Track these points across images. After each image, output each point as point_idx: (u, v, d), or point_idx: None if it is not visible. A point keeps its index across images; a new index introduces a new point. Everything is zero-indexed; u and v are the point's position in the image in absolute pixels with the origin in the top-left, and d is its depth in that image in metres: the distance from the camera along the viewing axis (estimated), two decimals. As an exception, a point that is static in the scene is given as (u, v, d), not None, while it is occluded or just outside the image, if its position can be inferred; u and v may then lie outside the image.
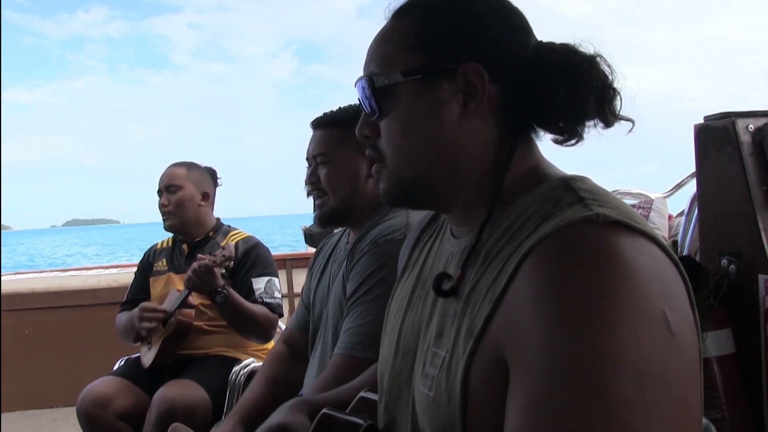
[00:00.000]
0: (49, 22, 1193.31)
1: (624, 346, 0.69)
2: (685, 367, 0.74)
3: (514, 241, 0.86)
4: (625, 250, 0.76)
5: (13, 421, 4.69)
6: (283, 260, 5.59)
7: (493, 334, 0.82)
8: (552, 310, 0.74)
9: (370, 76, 0.98)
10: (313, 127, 1.98)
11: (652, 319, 0.72)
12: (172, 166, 3.13)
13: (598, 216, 0.79)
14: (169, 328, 2.83)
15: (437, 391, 0.89)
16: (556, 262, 0.77)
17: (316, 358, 1.92)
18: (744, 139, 1.96)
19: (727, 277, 1.94)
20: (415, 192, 1.00)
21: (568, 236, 0.78)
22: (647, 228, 0.81)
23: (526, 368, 0.74)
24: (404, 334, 1.06)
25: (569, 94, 0.91)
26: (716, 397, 1.84)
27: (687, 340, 0.76)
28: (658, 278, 0.76)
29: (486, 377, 0.82)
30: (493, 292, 0.84)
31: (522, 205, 0.91)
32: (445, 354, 0.90)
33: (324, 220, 1.95)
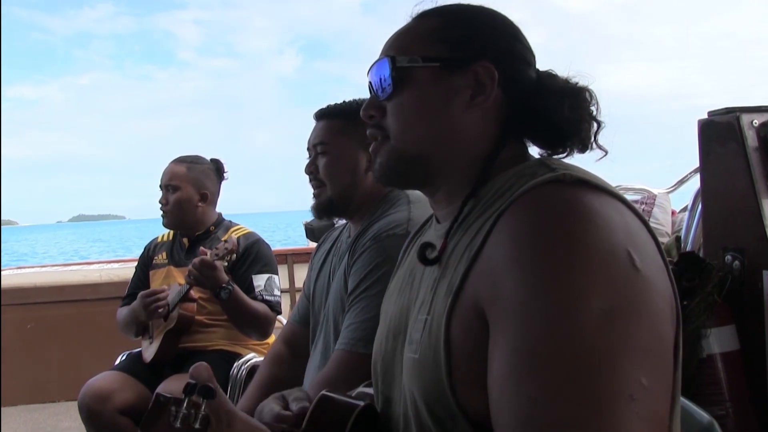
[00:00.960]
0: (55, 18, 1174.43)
1: (591, 283, 0.76)
2: (654, 300, 0.79)
3: (491, 209, 0.94)
4: (589, 201, 0.83)
5: (15, 415, 4.70)
6: (285, 255, 5.59)
7: (471, 287, 0.88)
8: (522, 256, 0.80)
9: (393, 57, 1.06)
10: (316, 118, 1.98)
11: (617, 256, 0.78)
12: (174, 162, 3.12)
13: (564, 176, 0.87)
14: (171, 322, 2.83)
15: (422, 353, 0.94)
16: (525, 215, 0.84)
17: (318, 352, 1.92)
18: (748, 135, 1.95)
19: (731, 273, 1.94)
20: (412, 168, 1.07)
21: (536, 193, 0.86)
22: (614, 189, 0.88)
23: (503, 313, 0.80)
24: (392, 317, 1.11)
25: (573, 111, 1.02)
26: (720, 393, 1.83)
27: (655, 278, 0.81)
28: (621, 224, 0.83)
29: (466, 329, 0.87)
30: (470, 251, 0.91)
31: (500, 180, 0.99)
32: (427, 316, 0.96)
33: (320, 209, 1.95)
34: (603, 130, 1.05)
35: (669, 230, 2.76)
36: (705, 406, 1.33)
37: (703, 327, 1.86)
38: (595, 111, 1.04)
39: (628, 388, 0.72)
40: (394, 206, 1.86)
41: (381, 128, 1.09)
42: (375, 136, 1.11)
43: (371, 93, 1.11)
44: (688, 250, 2.27)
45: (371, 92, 1.11)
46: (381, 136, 1.09)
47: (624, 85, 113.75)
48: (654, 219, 2.77)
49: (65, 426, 4.42)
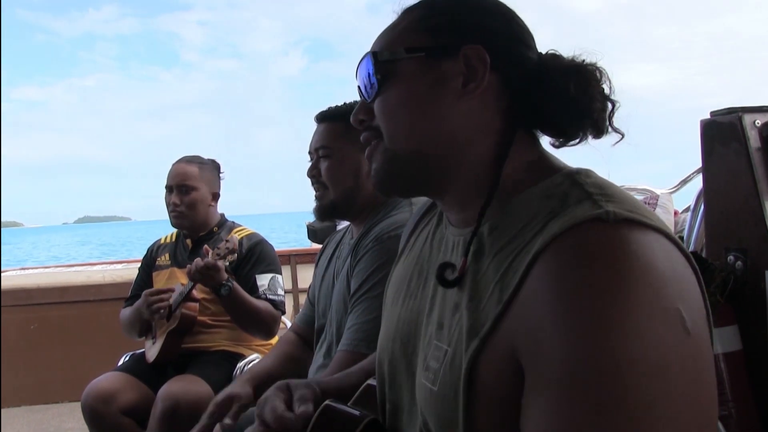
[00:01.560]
0: (60, 20, 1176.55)
1: (642, 350, 0.70)
2: (703, 366, 0.75)
3: (522, 237, 0.86)
4: (638, 248, 0.75)
5: (18, 416, 4.70)
6: (288, 256, 5.60)
7: (505, 333, 0.82)
8: (568, 314, 0.73)
9: (374, 52, 1.00)
10: (317, 121, 1.98)
11: (669, 319, 0.72)
12: (183, 162, 3.11)
13: (607, 214, 0.78)
14: (173, 322, 2.83)
15: (441, 386, 0.89)
16: (569, 264, 0.76)
17: (322, 354, 1.93)
18: (751, 135, 1.95)
19: (733, 273, 1.93)
20: (409, 169, 0.99)
21: (579, 236, 0.78)
22: (657, 222, 0.80)
23: (545, 374, 0.74)
24: (402, 322, 1.06)
25: (578, 90, 0.93)
26: (723, 394, 1.83)
27: (702, 337, 0.76)
28: (672, 275, 0.76)
29: (495, 374, 0.82)
30: (502, 291, 0.84)
31: (527, 200, 0.91)
32: (447, 348, 0.90)
33: (322, 212, 1.95)
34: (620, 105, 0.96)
35: (671, 230, 2.76)
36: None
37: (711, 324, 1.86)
38: (607, 89, 0.96)
39: None
40: (396, 208, 1.87)
41: (373, 130, 1.03)
42: (368, 139, 1.04)
43: (360, 97, 1.05)
44: (691, 250, 2.27)
45: (360, 96, 1.05)
46: (374, 137, 1.03)
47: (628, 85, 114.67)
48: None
49: (68, 427, 4.43)
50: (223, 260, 2.65)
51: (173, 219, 3.08)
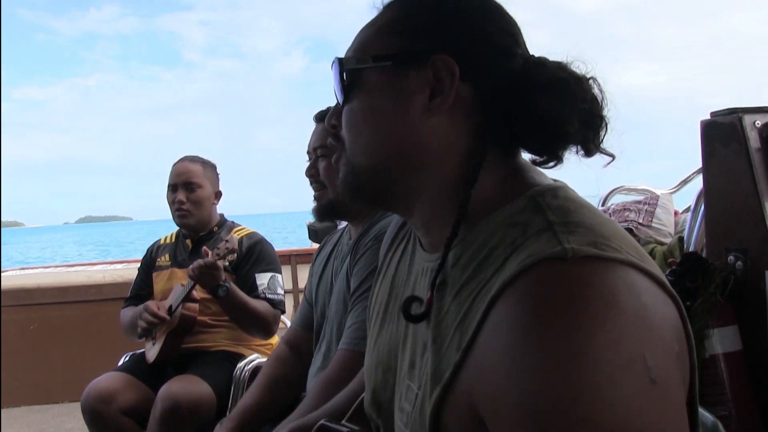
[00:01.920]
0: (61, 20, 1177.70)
1: (600, 407, 0.65)
2: (668, 415, 0.69)
3: (482, 274, 0.81)
4: (598, 290, 0.70)
5: (18, 416, 4.71)
6: (288, 256, 5.60)
7: (465, 382, 0.77)
8: (523, 367, 0.68)
9: (341, 59, 0.94)
10: (316, 121, 1.99)
11: (631, 369, 0.67)
12: (187, 161, 3.12)
13: (566, 252, 0.72)
14: (173, 322, 2.83)
15: (413, 430, 0.86)
16: (524, 311, 0.71)
17: (321, 354, 1.93)
18: (751, 135, 1.95)
19: (733, 273, 1.93)
20: (370, 185, 0.94)
21: (536, 279, 0.72)
22: (624, 254, 0.74)
23: (504, 426, 0.70)
24: (381, 348, 1.03)
25: (549, 110, 0.85)
26: (722, 394, 1.83)
27: (670, 384, 0.70)
28: (637, 317, 0.70)
29: (458, 423, 0.78)
30: (461, 335, 0.79)
31: (489, 228, 0.85)
32: (418, 391, 0.86)
33: (321, 212, 1.96)
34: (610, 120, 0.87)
35: (672, 231, 2.76)
36: (708, 407, 1.33)
37: (705, 327, 1.86)
38: (599, 104, 0.87)
39: None
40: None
41: (338, 138, 0.97)
42: (333, 147, 0.99)
43: (336, 98, 0.98)
44: (691, 250, 2.27)
45: (335, 97, 0.98)
46: (340, 147, 0.97)
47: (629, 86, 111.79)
48: (657, 219, 2.77)
49: (68, 427, 4.43)
50: (222, 260, 2.65)
51: (178, 217, 3.07)
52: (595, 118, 0.86)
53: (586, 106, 0.85)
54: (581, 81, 0.86)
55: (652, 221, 2.77)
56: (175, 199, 3.05)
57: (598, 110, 0.86)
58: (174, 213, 3.08)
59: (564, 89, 0.85)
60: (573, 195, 0.86)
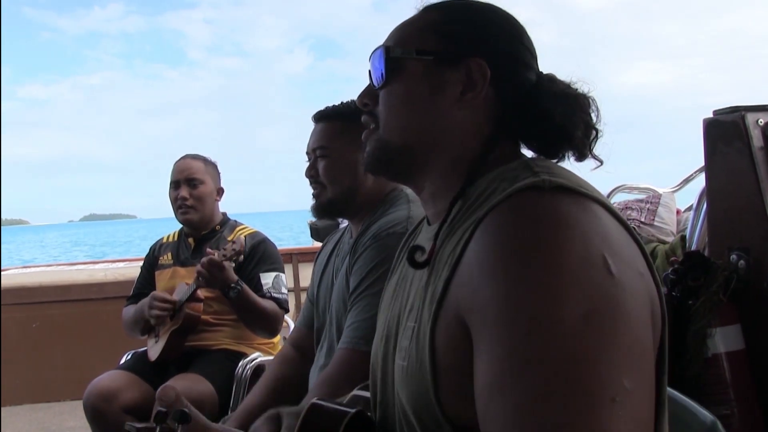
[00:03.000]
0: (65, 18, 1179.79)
1: (565, 287, 0.76)
2: (630, 304, 0.79)
3: (474, 214, 0.92)
4: (566, 208, 0.83)
5: (20, 414, 4.71)
6: (290, 254, 5.60)
7: (453, 296, 0.88)
8: (497, 266, 0.81)
9: (388, 46, 1.07)
10: (315, 121, 1.98)
11: (591, 261, 0.78)
12: (188, 158, 3.12)
13: (543, 182, 0.86)
14: (177, 321, 2.83)
15: (409, 361, 0.94)
16: (502, 223, 0.84)
17: (323, 353, 1.92)
18: (754, 134, 1.95)
19: (736, 272, 1.93)
20: (397, 159, 1.08)
21: (514, 201, 0.86)
22: (595, 193, 0.88)
23: (484, 323, 0.80)
24: (389, 322, 1.10)
25: (564, 118, 1.00)
26: (725, 393, 1.83)
27: (632, 283, 0.81)
28: (598, 230, 0.82)
29: (450, 338, 0.87)
30: (452, 258, 0.91)
31: (484, 183, 0.98)
32: (414, 324, 0.96)
33: (319, 210, 1.95)
34: (603, 134, 1.04)
35: (674, 229, 2.76)
36: (710, 406, 1.33)
37: (708, 326, 1.86)
38: (595, 119, 1.03)
39: (609, 391, 0.72)
40: (394, 205, 1.87)
41: (373, 116, 1.10)
42: (368, 123, 1.12)
43: (369, 80, 1.11)
44: (693, 249, 2.26)
45: (369, 79, 1.11)
46: (373, 123, 1.10)
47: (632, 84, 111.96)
48: (659, 218, 2.77)
49: (70, 425, 4.43)
50: (229, 261, 2.65)
51: (181, 214, 3.07)
52: (591, 129, 1.03)
53: (587, 118, 1.03)
54: (585, 97, 1.03)
55: (654, 220, 2.77)
56: (177, 196, 3.05)
57: (594, 123, 1.03)
58: (176, 210, 3.08)
59: (574, 101, 1.02)
60: (556, 163, 1.01)
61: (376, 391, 1.12)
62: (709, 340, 1.85)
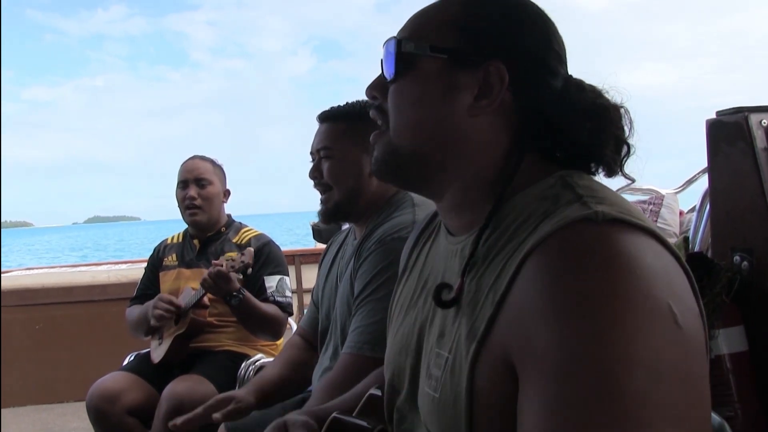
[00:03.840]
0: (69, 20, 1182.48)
1: (633, 343, 0.69)
2: (695, 360, 0.74)
3: (514, 240, 0.86)
4: (627, 246, 0.76)
5: (24, 415, 4.71)
6: (292, 256, 5.60)
7: (498, 335, 0.82)
8: (559, 311, 0.73)
9: (400, 39, 0.98)
10: (319, 121, 1.97)
11: (659, 313, 0.72)
12: (197, 159, 3.12)
13: (597, 215, 0.79)
14: (182, 326, 2.83)
15: (443, 393, 0.89)
16: (559, 262, 0.77)
17: (327, 357, 1.92)
18: (757, 135, 1.94)
19: (739, 273, 1.93)
20: (407, 167, 1.00)
21: (569, 236, 0.78)
22: (647, 223, 0.81)
23: (538, 371, 0.73)
24: (406, 332, 1.06)
25: (592, 136, 0.93)
26: (729, 394, 1.82)
27: (694, 332, 0.76)
28: (661, 272, 0.76)
29: (492, 379, 0.82)
30: (495, 293, 0.84)
31: (520, 203, 0.91)
32: (448, 355, 0.90)
33: (327, 215, 1.94)
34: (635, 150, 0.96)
35: (677, 231, 2.76)
36: (714, 408, 1.32)
37: (711, 328, 1.85)
38: (627, 132, 0.96)
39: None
40: (399, 209, 1.86)
41: (381, 112, 1.02)
42: (375, 119, 1.04)
43: (381, 70, 1.03)
44: (696, 250, 2.26)
45: (381, 69, 1.03)
46: (382, 122, 1.02)
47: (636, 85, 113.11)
48: (662, 219, 2.77)
49: (73, 426, 4.43)
50: (236, 273, 2.65)
51: (189, 214, 3.06)
52: (623, 144, 0.96)
53: (618, 132, 0.95)
54: (617, 109, 0.95)
55: (656, 221, 2.76)
56: (186, 196, 3.04)
57: (626, 138, 0.96)
58: (184, 210, 3.07)
59: (605, 116, 0.94)
60: (594, 179, 0.95)
61: (394, 405, 1.08)
62: (713, 341, 1.85)
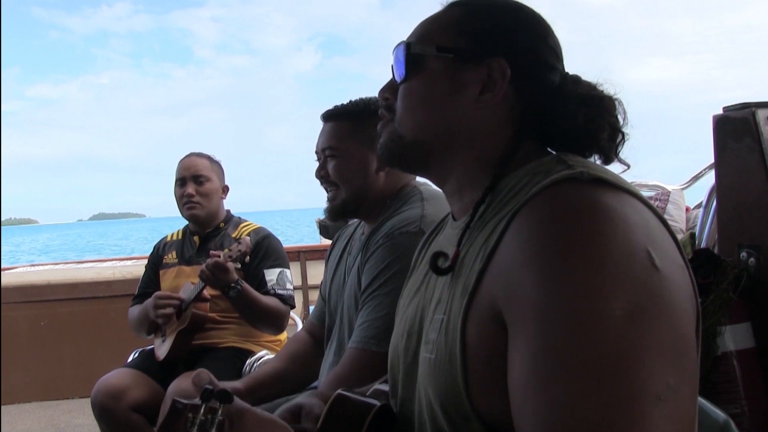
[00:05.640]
0: (73, 17, 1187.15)
1: (610, 281, 0.74)
2: (676, 299, 0.77)
3: (506, 208, 0.92)
4: (607, 200, 0.81)
5: (29, 411, 4.73)
6: (297, 252, 5.60)
7: (486, 287, 0.87)
8: (540, 257, 0.78)
9: (409, 43, 1.06)
10: (323, 120, 1.97)
11: (636, 254, 0.76)
12: (194, 156, 3.13)
13: (582, 174, 0.85)
14: (184, 321, 2.82)
15: (438, 353, 0.93)
16: (542, 214, 0.82)
17: (332, 351, 1.92)
18: (764, 130, 1.93)
19: (746, 269, 1.92)
20: (410, 152, 1.08)
21: (553, 192, 0.84)
22: (632, 187, 0.86)
23: (522, 316, 0.78)
24: (411, 318, 1.10)
25: (588, 122, 1.00)
26: (735, 391, 1.82)
27: (675, 277, 0.80)
28: (641, 224, 0.81)
29: (482, 331, 0.86)
30: (485, 250, 0.90)
31: (515, 177, 0.97)
32: (443, 316, 0.95)
33: (334, 213, 1.94)
34: (630, 137, 1.03)
35: (683, 227, 2.74)
36: (720, 405, 1.32)
37: (718, 324, 1.84)
38: (621, 121, 1.02)
39: (655, 389, 0.70)
40: (408, 203, 1.85)
41: (391, 110, 1.10)
42: (384, 115, 1.12)
43: (392, 75, 1.11)
44: (703, 246, 2.25)
45: (392, 74, 1.11)
46: (389, 116, 1.10)
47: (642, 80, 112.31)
48: (668, 215, 2.75)
49: (78, 423, 4.44)
50: (234, 263, 2.64)
51: (187, 211, 3.06)
52: (618, 132, 1.02)
53: (612, 120, 1.02)
54: (611, 99, 1.03)
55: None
56: (184, 193, 3.05)
57: (620, 126, 1.03)
58: (182, 207, 3.07)
59: (599, 104, 1.01)
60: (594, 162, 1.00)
61: (397, 387, 1.11)
62: (719, 338, 1.84)
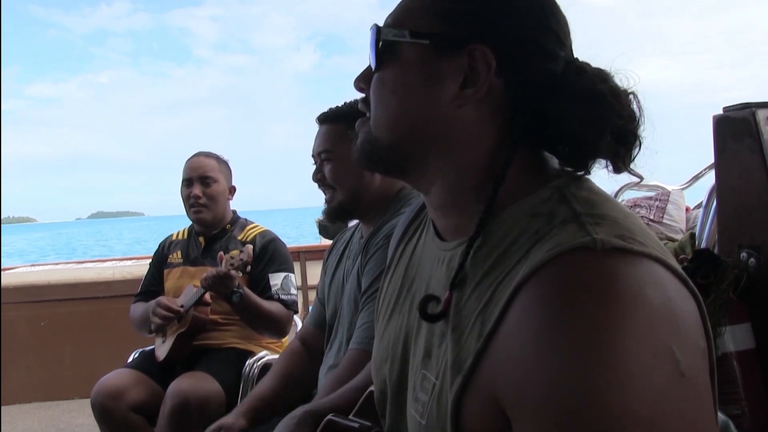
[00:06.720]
0: (72, 16, 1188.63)
1: (632, 397, 0.64)
2: (699, 409, 0.69)
3: (505, 263, 0.80)
4: (628, 281, 0.70)
5: (29, 412, 4.73)
6: (297, 252, 5.60)
7: (487, 372, 0.76)
8: (552, 355, 0.68)
9: (380, 27, 0.92)
10: (318, 123, 1.98)
11: (661, 360, 0.66)
12: (201, 156, 3.11)
13: (595, 242, 0.72)
14: (184, 324, 2.82)
15: (429, 420, 0.85)
16: (553, 298, 0.70)
17: (332, 353, 1.92)
18: (765, 130, 1.93)
19: (746, 270, 1.91)
20: (387, 157, 0.94)
21: (564, 268, 0.71)
22: (649, 249, 0.74)
23: (531, 418, 0.68)
24: (392, 339, 1.01)
25: (584, 124, 0.82)
26: (735, 393, 1.81)
27: (698, 378, 0.70)
28: (665, 311, 0.70)
29: (480, 416, 0.77)
30: (483, 324, 0.78)
31: (511, 218, 0.84)
32: (435, 381, 0.85)
33: (332, 214, 1.95)
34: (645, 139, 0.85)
35: (683, 227, 2.74)
36: (720, 406, 1.31)
37: (717, 325, 1.84)
38: (635, 121, 0.84)
39: None
40: (407, 204, 1.86)
41: (368, 104, 0.95)
42: (364, 111, 0.97)
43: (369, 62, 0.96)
44: (703, 247, 2.25)
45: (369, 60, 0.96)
46: (367, 112, 0.96)
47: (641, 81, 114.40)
48: (668, 216, 2.75)
49: (79, 423, 4.45)
50: (236, 271, 2.64)
51: (194, 213, 3.06)
52: (628, 136, 0.84)
53: (621, 122, 0.83)
54: (619, 95, 0.84)
55: (663, 217, 2.75)
56: (190, 194, 3.04)
57: (633, 128, 0.84)
58: (189, 208, 3.07)
59: (601, 102, 0.82)
60: (596, 187, 0.86)
61: (384, 406, 1.05)
62: (719, 338, 1.84)
